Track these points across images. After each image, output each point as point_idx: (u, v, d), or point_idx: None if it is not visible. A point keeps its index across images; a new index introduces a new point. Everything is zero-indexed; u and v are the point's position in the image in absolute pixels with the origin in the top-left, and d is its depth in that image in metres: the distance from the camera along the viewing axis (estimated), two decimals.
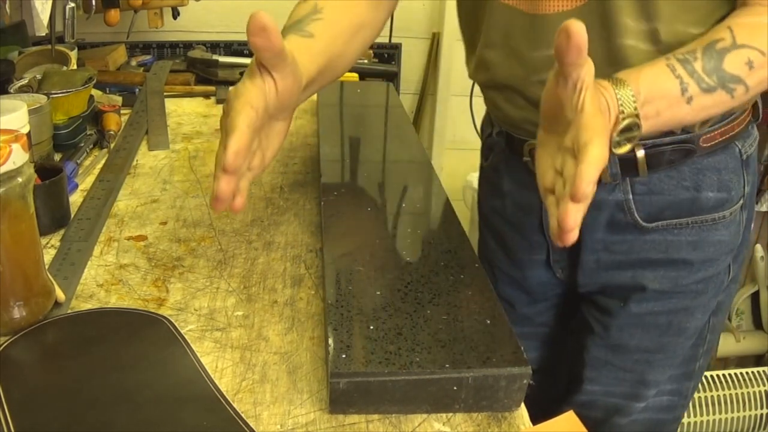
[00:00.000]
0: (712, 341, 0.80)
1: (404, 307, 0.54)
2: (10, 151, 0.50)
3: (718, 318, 0.79)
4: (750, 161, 0.72)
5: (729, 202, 0.70)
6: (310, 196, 0.81)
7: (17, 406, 0.46)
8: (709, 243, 0.71)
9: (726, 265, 0.75)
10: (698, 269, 0.72)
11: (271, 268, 0.66)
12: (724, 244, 0.72)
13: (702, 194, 0.69)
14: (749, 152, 0.71)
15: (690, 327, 0.75)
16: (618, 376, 0.79)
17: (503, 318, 0.53)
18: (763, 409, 1.61)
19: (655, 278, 0.73)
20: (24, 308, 0.54)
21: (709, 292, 0.74)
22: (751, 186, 0.73)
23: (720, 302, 0.77)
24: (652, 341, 0.76)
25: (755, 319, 1.88)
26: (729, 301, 0.80)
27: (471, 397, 0.48)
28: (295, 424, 0.47)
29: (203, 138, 0.98)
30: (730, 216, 0.71)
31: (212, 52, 1.33)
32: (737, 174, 0.70)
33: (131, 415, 0.45)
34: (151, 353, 0.52)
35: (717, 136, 0.68)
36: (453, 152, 1.78)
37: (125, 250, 0.68)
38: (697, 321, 0.75)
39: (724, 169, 0.69)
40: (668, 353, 0.77)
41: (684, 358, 0.78)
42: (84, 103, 0.95)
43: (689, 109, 0.54)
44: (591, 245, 0.73)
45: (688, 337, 0.77)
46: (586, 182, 0.44)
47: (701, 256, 0.72)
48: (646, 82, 0.52)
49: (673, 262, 0.72)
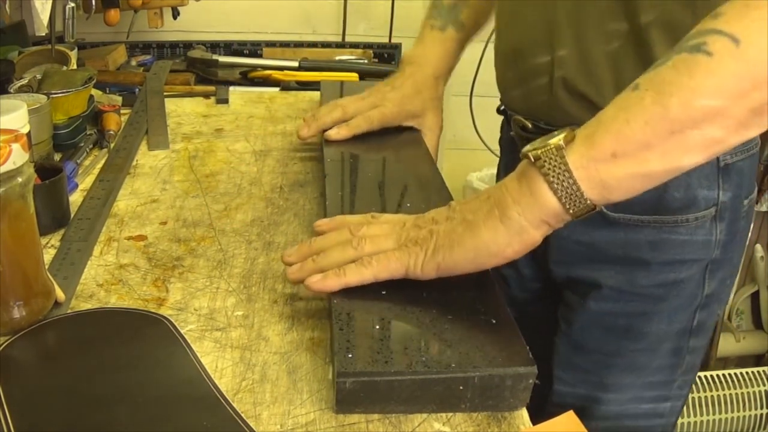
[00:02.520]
0: (692, 364, 0.77)
1: (409, 306, 0.53)
2: (10, 151, 0.50)
3: (699, 340, 0.76)
4: (731, 171, 0.69)
5: (694, 206, 0.68)
6: (310, 196, 0.81)
7: (17, 406, 0.46)
8: (669, 245, 0.70)
9: (696, 278, 0.72)
10: (656, 272, 0.71)
11: (271, 268, 0.66)
12: (686, 250, 0.70)
13: (668, 194, 0.68)
14: (732, 161, 0.69)
15: (650, 333, 0.73)
16: (581, 377, 0.78)
17: (509, 317, 0.53)
18: (763, 409, 1.61)
19: (612, 276, 0.72)
20: (24, 308, 0.54)
21: (671, 301, 0.72)
22: (731, 198, 0.70)
23: (700, 322, 0.74)
24: (611, 344, 0.75)
25: (755, 319, 1.89)
26: (711, 321, 0.76)
27: (477, 397, 0.48)
28: (295, 424, 0.47)
29: (203, 138, 0.98)
30: (695, 222, 0.69)
31: (212, 52, 1.33)
32: (709, 180, 0.68)
33: (131, 414, 0.45)
34: (151, 353, 0.52)
35: None
36: (453, 152, 1.78)
37: (125, 250, 0.68)
38: (657, 329, 0.73)
39: (694, 172, 0.66)
40: (627, 358, 0.75)
41: (655, 374, 0.76)
42: (84, 103, 0.95)
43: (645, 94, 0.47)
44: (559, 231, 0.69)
45: (651, 348, 0.74)
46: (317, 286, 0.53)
47: (659, 258, 0.70)
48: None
49: (630, 261, 0.71)
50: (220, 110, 1.11)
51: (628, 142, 0.47)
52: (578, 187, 0.48)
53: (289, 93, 1.22)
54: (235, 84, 1.25)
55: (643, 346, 0.74)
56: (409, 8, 1.64)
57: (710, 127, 0.46)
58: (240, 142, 0.97)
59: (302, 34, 1.60)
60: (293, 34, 1.58)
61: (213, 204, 0.78)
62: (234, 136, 0.99)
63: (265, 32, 1.57)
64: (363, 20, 1.63)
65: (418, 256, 0.53)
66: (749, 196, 0.74)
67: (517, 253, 0.52)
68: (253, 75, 1.27)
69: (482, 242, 0.51)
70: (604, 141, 0.48)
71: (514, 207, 0.50)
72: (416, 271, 0.53)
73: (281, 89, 1.23)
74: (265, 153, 0.93)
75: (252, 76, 1.27)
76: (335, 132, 0.84)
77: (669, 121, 0.46)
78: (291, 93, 1.21)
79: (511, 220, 0.50)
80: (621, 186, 0.49)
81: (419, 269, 0.53)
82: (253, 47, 1.41)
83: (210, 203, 0.78)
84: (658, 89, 0.47)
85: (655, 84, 0.47)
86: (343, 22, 1.60)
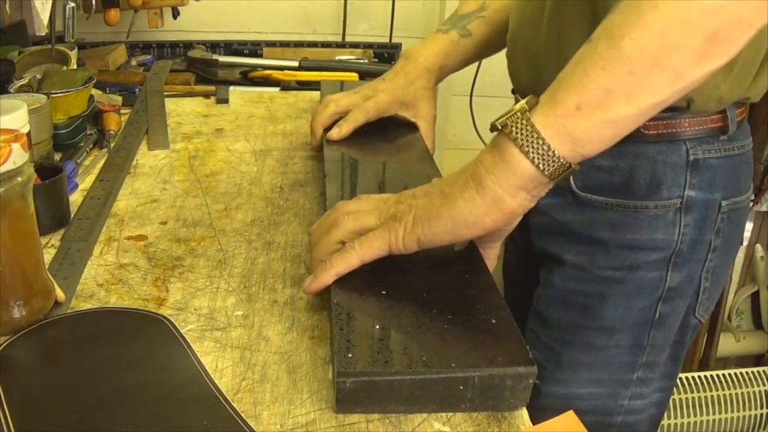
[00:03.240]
0: (654, 356, 0.76)
1: (409, 306, 0.53)
2: (10, 151, 0.50)
3: (661, 334, 0.75)
4: (701, 167, 0.69)
5: (657, 195, 0.70)
6: (310, 196, 0.81)
7: (17, 406, 0.46)
8: (627, 228, 0.71)
9: (657, 268, 0.72)
10: (615, 254, 0.72)
11: (271, 268, 0.66)
12: (644, 236, 0.71)
13: (634, 180, 0.70)
14: (703, 157, 0.69)
15: (606, 315, 0.74)
16: (543, 353, 0.79)
17: (509, 317, 0.53)
18: (763, 409, 1.61)
19: (575, 254, 0.74)
20: (24, 308, 0.54)
21: (627, 285, 0.72)
22: (701, 195, 0.70)
23: (663, 315, 0.74)
24: (569, 320, 0.77)
25: (755, 319, 1.89)
26: (674, 317, 0.75)
27: (477, 397, 0.48)
28: (295, 424, 0.47)
29: (203, 138, 0.98)
30: (655, 210, 0.70)
31: (212, 52, 1.33)
32: (675, 172, 0.69)
33: (131, 414, 0.45)
34: (151, 353, 0.52)
35: (662, 127, 0.68)
36: (453, 152, 1.78)
37: (125, 250, 0.68)
38: (614, 313, 0.74)
39: (662, 162, 0.69)
40: (583, 337, 0.76)
41: (614, 360, 0.76)
42: (84, 103, 0.95)
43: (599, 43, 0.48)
44: (539, 207, 0.64)
45: (607, 330, 0.75)
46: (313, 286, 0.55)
47: (617, 240, 0.71)
48: None
49: (592, 240, 0.73)
50: (220, 110, 1.11)
51: (590, 92, 0.47)
52: (549, 146, 0.48)
53: (289, 93, 1.22)
54: (235, 84, 1.25)
55: (598, 326, 0.75)
56: (409, 8, 1.64)
57: (668, 60, 0.46)
58: (240, 142, 0.97)
59: (302, 34, 1.60)
60: (293, 34, 1.58)
61: (213, 204, 0.78)
62: (234, 136, 0.99)
63: (265, 32, 1.57)
64: (363, 20, 1.63)
65: (398, 231, 0.54)
66: (732, 198, 0.72)
67: (495, 223, 0.52)
68: (253, 75, 1.27)
69: (459, 213, 0.52)
70: (566, 96, 0.48)
71: (488, 176, 0.51)
72: (398, 246, 0.54)
73: (281, 89, 1.23)
74: (265, 153, 0.93)
75: (252, 76, 1.27)
76: (336, 132, 0.85)
77: (625, 62, 0.46)
78: (291, 93, 1.22)
79: (486, 189, 0.51)
80: (591, 137, 0.49)
81: (401, 244, 0.54)
82: (253, 47, 1.41)
83: (210, 203, 0.78)
84: (609, 35, 0.47)
85: (606, 31, 0.47)
86: (343, 22, 1.60)
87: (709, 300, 0.77)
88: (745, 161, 0.74)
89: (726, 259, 0.77)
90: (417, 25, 1.66)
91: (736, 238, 0.78)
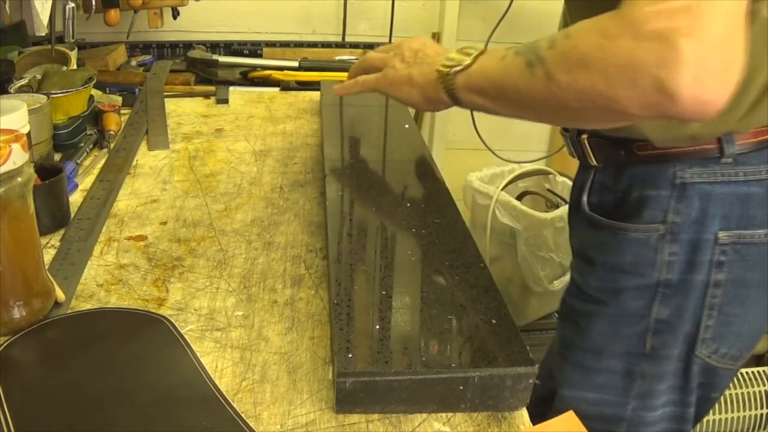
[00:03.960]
0: (644, 388, 0.74)
1: (409, 306, 0.54)
2: (10, 151, 0.50)
3: (653, 366, 0.72)
4: (689, 192, 0.66)
5: (639, 218, 0.68)
6: (310, 196, 0.81)
7: (17, 406, 0.46)
8: (612, 250, 0.71)
9: (641, 296, 0.70)
10: (601, 275, 0.72)
11: (271, 268, 0.66)
12: (626, 260, 0.70)
13: (626, 201, 0.70)
14: (691, 181, 0.66)
15: (594, 336, 0.74)
16: (550, 366, 0.81)
17: (509, 317, 0.53)
18: (763, 409, 1.61)
19: (575, 269, 0.78)
20: (24, 308, 0.54)
21: (611, 309, 0.72)
22: (689, 222, 0.66)
23: (655, 348, 0.71)
24: (566, 335, 0.78)
25: None
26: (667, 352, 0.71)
27: (477, 397, 0.48)
28: (295, 424, 0.47)
29: (203, 138, 0.98)
30: (636, 233, 0.69)
31: (212, 52, 1.33)
32: (660, 195, 0.67)
33: (131, 415, 0.45)
34: (151, 353, 0.52)
35: (649, 148, 0.67)
36: (453, 152, 1.78)
37: (125, 250, 0.68)
38: (601, 336, 0.73)
39: (651, 185, 0.68)
40: (576, 354, 0.76)
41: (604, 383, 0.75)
42: (84, 103, 0.95)
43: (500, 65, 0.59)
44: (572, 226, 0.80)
45: (595, 352, 0.74)
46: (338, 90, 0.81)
47: (603, 261, 0.72)
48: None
49: (585, 258, 0.75)
50: (220, 110, 1.11)
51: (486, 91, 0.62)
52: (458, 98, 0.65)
53: (289, 93, 1.22)
54: (235, 84, 1.25)
55: (587, 346, 0.75)
56: (409, 8, 1.64)
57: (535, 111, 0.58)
58: (240, 142, 0.97)
59: (302, 34, 1.60)
60: (293, 34, 1.58)
61: (213, 204, 0.78)
62: (234, 136, 0.99)
63: (265, 32, 1.57)
64: (363, 20, 1.63)
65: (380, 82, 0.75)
66: (738, 230, 0.66)
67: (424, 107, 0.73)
68: (253, 75, 1.27)
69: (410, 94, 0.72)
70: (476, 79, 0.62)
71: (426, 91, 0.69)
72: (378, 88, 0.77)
73: (281, 89, 1.23)
74: (265, 153, 0.93)
75: (252, 76, 1.27)
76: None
77: (506, 98, 0.59)
78: (291, 93, 1.22)
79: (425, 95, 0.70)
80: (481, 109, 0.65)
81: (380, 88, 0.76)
82: (253, 47, 1.41)
83: (210, 203, 0.78)
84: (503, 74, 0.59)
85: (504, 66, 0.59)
86: (343, 22, 1.60)
87: (719, 342, 0.71)
88: (766, 189, 0.66)
89: (746, 300, 0.69)
90: (417, 25, 1.66)
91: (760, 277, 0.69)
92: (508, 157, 1.63)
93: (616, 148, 0.70)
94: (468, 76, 0.64)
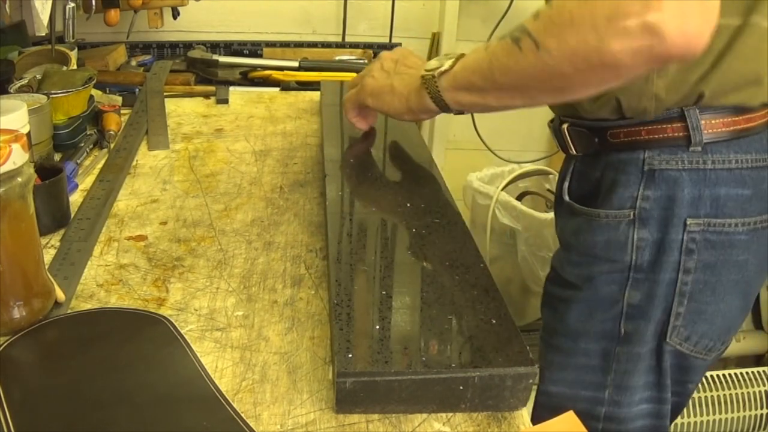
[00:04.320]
0: (624, 373, 0.74)
1: (410, 306, 0.54)
2: (10, 151, 0.50)
3: (626, 349, 0.73)
4: (657, 178, 0.67)
5: (609, 204, 0.70)
6: (310, 196, 0.81)
7: (17, 406, 0.46)
8: (586, 235, 0.73)
9: (613, 281, 0.71)
10: (576, 260, 0.75)
11: (271, 268, 0.66)
12: (598, 245, 0.71)
13: (600, 188, 0.72)
14: (659, 168, 0.67)
15: (570, 321, 0.75)
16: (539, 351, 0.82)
17: (509, 317, 0.53)
18: (763, 409, 1.61)
19: (556, 257, 0.80)
20: (24, 308, 0.54)
21: (585, 293, 0.73)
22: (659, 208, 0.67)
23: (628, 333, 0.72)
24: (546, 322, 0.80)
25: (755, 319, 1.88)
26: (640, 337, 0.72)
27: (477, 397, 0.48)
28: (295, 424, 0.47)
29: (203, 138, 0.98)
30: (606, 219, 0.70)
31: (212, 52, 1.33)
32: (630, 181, 0.68)
33: (131, 415, 0.45)
34: (151, 353, 0.52)
35: (621, 135, 0.69)
36: (453, 152, 1.78)
37: (125, 250, 0.68)
38: (577, 320, 0.75)
39: (621, 171, 0.69)
40: (555, 339, 0.78)
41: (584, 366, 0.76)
42: (84, 103, 0.95)
43: (485, 54, 0.63)
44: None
45: (573, 336, 0.75)
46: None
47: (578, 246, 0.74)
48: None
49: (564, 244, 0.78)
50: (220, 110, 1.11)
51: (473, 86, 0.66)
52: (444, 102, 0.70)
53: (289, 93, 1.22)
54: (235, 84, 1.25)
55: (566, 331, 0.76)
56: (409, 8, 1.64)
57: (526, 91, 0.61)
58: (240, 142, 0.97)
59: (302, 34, 1.60)
60: (293, 34, 1.58)
61: (213, 204, 0.78)
62: (234, 136, 0.99)
63: (265, 32, 1.57)
64: (363, 20, 1.63)
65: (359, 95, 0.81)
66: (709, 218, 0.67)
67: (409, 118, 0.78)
68: (253, 75, 1.27)
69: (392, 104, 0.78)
70: (460, 79, 0.68)
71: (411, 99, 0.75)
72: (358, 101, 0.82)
73: (281, 89, 1.23)
74: (265, 153, 0.93)
75: (252, 76, 1.27)
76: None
77: (495, 83, 0.63)
78: (291, 93, 1.21)
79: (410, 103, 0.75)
80: (471, 108, 0.71)
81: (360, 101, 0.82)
82: (253, 47, 1.41)
83: (210, 203, 0.78)
84: (490, 60, 0.63)
85: (490, 55, 0.63)
86: (343, 22, 1.60)
87: (690, 329, 0.71)
88: (736, 179, 0.66)
89: (717, 288, 0.70)
90: (417, 25, 1.66)
91: (741, 266, 0.69)
92: (508, 157, 1.63)
93: (591, 135, 0.72)
94: (452, 76, 0.68)
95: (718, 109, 0.65)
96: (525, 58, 0.57)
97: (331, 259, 0.61)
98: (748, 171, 0.67)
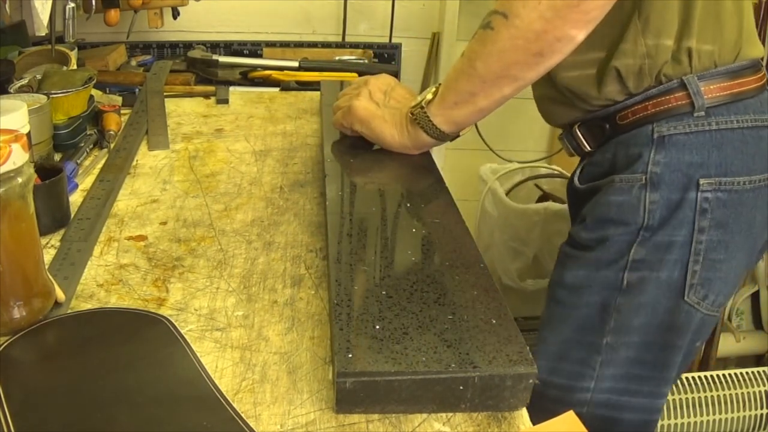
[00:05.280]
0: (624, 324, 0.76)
1: (410, 306, 0.54)
2: (10, 151, 0.50)
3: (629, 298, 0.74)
4: (667, 143, 0.71)
5: (624, 169, 0.74)
6: (310, 196, 0.81)
7: (17, 406, 0.46)
8: (601, 203, 0.76)
9: (624, 239, 0.73)
10: (591, 227, 0.77)
11: (271, 268, 0.66)
12: (612, 210, 0.74)
13: (615, 165, 0.76)
14: (668, 133, 0.71)
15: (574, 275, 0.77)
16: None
17: (509, 317, 0.53)
18: (763, 409, 1.61)
19: (573, 228, 0.82)
20: (24, 308, 0.54)
21: (596, 251, 0.75)
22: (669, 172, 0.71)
23: (630, 284, 0.74)
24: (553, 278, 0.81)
25: (755, 319, 1.88)
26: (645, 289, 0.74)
27: (477, 397, 0.48)
28: (295, 424, 0.47)
29: (203, 138, 0.98)
30: (620, 183, 0.74)
31: (212, 52, 1.33)
32: (642, 150, 0.72)
33: (131, 415, 0.45)
34: (151, 353, 0.52)
35: (629, 115, 0.74)
36: (453, 152, 1.78)
37: (125, 250, 0.68)
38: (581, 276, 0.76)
39: (633, 145, 0.74)
40: (556, 293, 0.79)
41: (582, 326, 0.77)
42: (84, 103, 0.95)
43: (462, 58, 0.70)
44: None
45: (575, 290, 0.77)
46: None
47: (593, 214, 0.77)
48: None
49: (579, 215, 0.80)
50: (220, 110, 1.11)
51: (461, 94, 0.72)
52: (438, 129, 0.76)
53: (289, 93, 1.22)
54: (235, 84, 1.25)
55: (569, 284, 0.78)
56: (409, 8, 1.64)
57: (508, 72, 0.67)
58: (240, 142, 0.97)
59: (302, 34, 1.60)
60: (293, 34, 1.58)
61: (213, 204, 0.78)
62: (234, 136, 0.99)
63: (265, 32, 1.57)
64: (363, 20, 1.63)
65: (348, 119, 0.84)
66: (720, 177, 0.70)
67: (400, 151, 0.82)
68: (253, 75, 1.27)
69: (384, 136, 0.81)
70: (447, 95, 0.74)
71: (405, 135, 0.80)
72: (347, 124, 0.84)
73: (281, 89, 1.23)
74: (265, 153, 0.93)
75: (252, 76, 1.27)
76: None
77: (479, 77, 0.69)
78: (291, 93, 1.22)
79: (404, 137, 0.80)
80: (466, 120, 0.75)
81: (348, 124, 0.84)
82: (253, 47, 1.41)
83: (210, 203, 0.78)
84: (469, 56, 0.69)
85: (467, 52, 0.70)
86: (343, 22, 1.60)
87: (707, 287, 0.74)
88: (739, 139, 0.71)
89: (730, 245, 0.73)
90: (417, 25, 1.66)
91: (749, 223, 0.74)
92: (509, 157, 1.63)
93: (602, 124, 0.77)
94: (439, 98, 0.74)
95: (714, 75, 0.71)
96: (498, 34, 0.64)
97: (331, 259, 0.61)
98: (749, 131, 0.72)
